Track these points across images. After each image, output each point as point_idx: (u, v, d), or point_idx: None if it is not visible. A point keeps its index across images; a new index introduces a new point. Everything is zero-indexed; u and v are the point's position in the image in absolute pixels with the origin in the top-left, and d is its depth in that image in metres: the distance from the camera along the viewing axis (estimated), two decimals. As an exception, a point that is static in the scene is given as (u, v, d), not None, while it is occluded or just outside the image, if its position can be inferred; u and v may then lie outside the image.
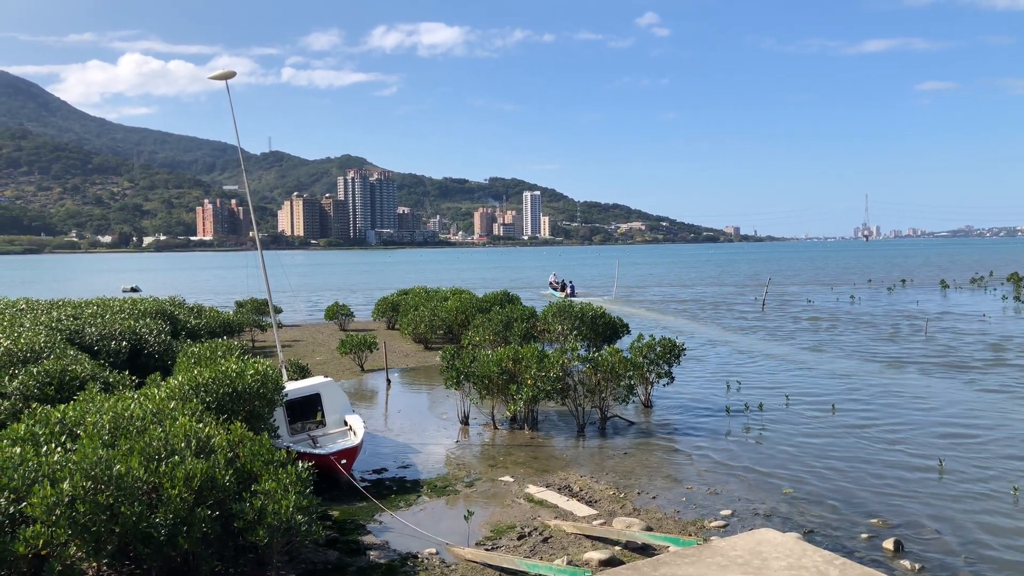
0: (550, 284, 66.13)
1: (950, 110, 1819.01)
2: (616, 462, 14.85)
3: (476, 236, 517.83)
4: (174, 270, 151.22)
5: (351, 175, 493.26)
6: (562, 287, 59.49)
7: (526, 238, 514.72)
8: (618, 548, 10.32)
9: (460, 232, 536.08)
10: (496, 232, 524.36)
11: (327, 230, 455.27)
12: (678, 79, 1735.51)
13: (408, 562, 10.09)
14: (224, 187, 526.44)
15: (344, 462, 12.97)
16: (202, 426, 9.39)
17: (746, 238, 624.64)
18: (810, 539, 10.42)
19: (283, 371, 17.14)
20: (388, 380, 24.28)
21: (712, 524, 11.35)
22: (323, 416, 15.22)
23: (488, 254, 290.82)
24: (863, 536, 10.86)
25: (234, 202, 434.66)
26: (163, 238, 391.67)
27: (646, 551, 10.10)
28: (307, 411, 15.20)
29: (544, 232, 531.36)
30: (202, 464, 8.31)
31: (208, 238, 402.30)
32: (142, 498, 7.84)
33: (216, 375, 11.95)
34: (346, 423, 15.21)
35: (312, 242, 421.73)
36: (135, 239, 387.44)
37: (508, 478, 13.85)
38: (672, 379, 19.36)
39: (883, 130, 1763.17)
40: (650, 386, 19.47)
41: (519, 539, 10.84)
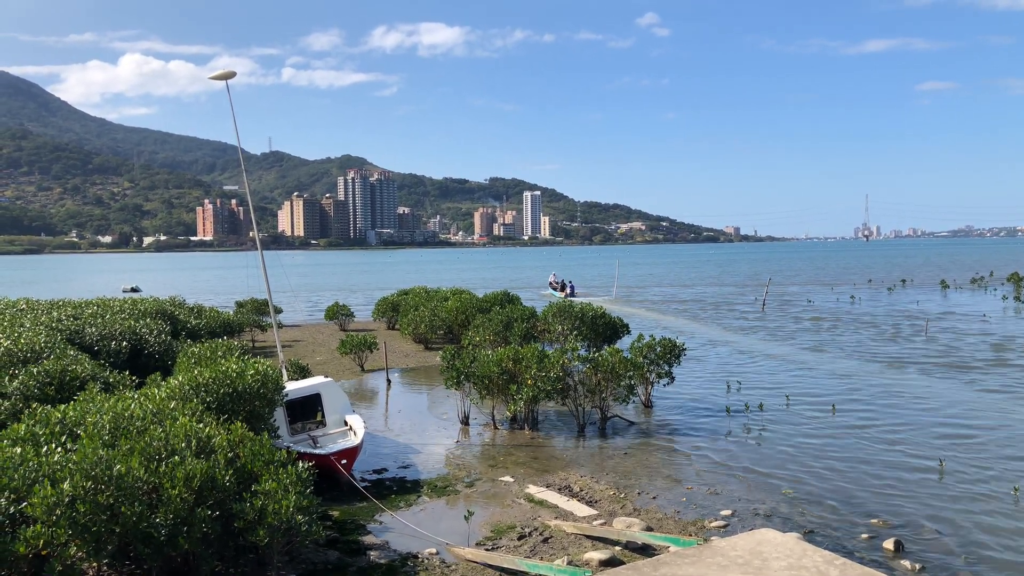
0: (550, 284, 66.11)
1: (950, 110, 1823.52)
2: (616, 462, 14.84)
3: (476, 236, 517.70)
4: (174, 270, 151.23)
5: (351, 175, 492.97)
6: (562, 287, 59.45)
7: (526, 238, 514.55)
8: (618, 548, 10.32)
9: (460, 232, 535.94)
10: (496, 232, 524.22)
11: (327, 230, 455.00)
12: (678, 79, 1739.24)
13: (408, 562, 10.09)
14: (224, 187, 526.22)
15: (344, 462, 12.97)
16: (202, 426, 9.39)
17: (746, 238, 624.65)
18: (810, 539, 10.42)
19: (283, 371, 17.14)
20: (388, 380, 24.28)
21: (712, 524, 11.35)
22: (323, 416, 15.22)
23: (488, 254, 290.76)
24: (863, 536, 10.86)
25: (234, 202, 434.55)
26: (163, 238, 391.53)
27: (646, 551, 10.10)
28: (307, 411, 15.20)
29: (544, 232, 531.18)
30: (202, 464, 8.31)
31: (208, 238, 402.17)
32: (142, 498, 7.84)
33: (216, 375, 11.96)
34: (346, 423, 15.21)
35: (312, 242, 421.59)
36: (135, 239, 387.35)
37: (508, 478, 13.85)
38: (672, 379, 19.36)
39: (883, 130, 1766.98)
40: (650, 386, 19.47)
41: (519, 539, 10.84)
